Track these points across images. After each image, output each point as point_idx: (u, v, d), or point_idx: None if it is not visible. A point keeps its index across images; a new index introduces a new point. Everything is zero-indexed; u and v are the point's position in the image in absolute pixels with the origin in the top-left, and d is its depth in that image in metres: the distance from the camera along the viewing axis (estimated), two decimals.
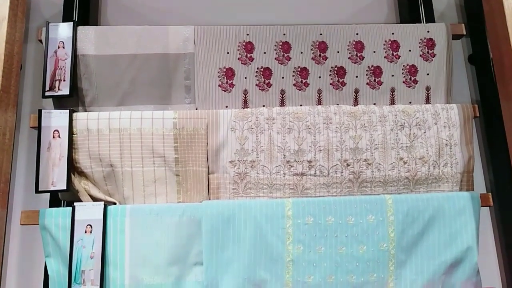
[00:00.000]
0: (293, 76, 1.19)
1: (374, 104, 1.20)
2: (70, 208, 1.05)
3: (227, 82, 1.18)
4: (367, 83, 1.21)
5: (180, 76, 1.17)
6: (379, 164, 1.14)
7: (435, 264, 1.09)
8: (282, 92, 1.19)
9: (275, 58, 1.19)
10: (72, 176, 1.10)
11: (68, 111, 1.09)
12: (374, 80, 1.21)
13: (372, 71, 1.21)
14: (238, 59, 1.19)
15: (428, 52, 1.22)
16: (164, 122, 1.12)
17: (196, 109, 1.17)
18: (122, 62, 1.15)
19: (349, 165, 1.13)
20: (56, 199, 1.18)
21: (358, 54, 1.21)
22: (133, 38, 1.16)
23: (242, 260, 1.06)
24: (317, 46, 1.20)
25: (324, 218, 1.08)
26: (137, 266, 1.05)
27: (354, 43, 1.21)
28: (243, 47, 1.19)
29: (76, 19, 1.26)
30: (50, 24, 1.14)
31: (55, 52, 1.13)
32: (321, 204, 1.09)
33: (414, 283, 1.09)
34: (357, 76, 1.21)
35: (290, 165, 1.12)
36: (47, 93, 1.11)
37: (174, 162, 1.11)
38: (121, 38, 1.16)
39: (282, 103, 1.19)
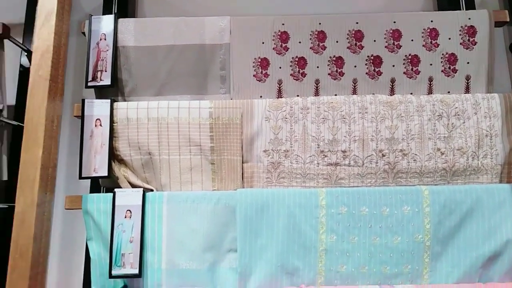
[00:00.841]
0: (328, 65, 1.19)
1: (411, 93, 1.18)
2: (111, 194, 1.10)
3: (261, 72, 1.19)
4: (404, 72, 1.19)
5: (215, 66, 1.19)
6: (416, 154, 1.12)
7: (472, 257, 1.07)
8: (317, 81, 1.19)
9: (310, 48, 1.19)
10: (112, 163, 1.14)
11: (109, 100, 1.14)
12: (412, 69, 1.19)
13: (409, 60, 1.19)
14: (273, 49, 1.19)
15: (468, 40, 1.18)
16: (201, 112, 1.14)
17: (231, 99, 1.19)
18: (160, 53, 1.18)
19: (384, 156, 1.12)
20: (96, 185, 1.23)
21: (395, 43, 1.19)
22: (170, 29, 1.19)
23: (276, 248, 1.07)
24: (353, 35, 1.19)
25: (358, 208, 1.08)
26: (173, 251, 1.08)
27: (391, 31, 1.19)
28: (278, 37, 1.19)
29: (116, 12, 1.30)
30: (92, 17, 1.18)
31: (97, 44, 1.17)
32: (355, 194, 1.08)
33: (450, 276, 1.07)
34: (393, 65, 1.19)
35: (324, 155, 1.12)
36: (89, 83, 1.16)
37: (209, 150, 1.14)
38: (159, 30, 1.19)
39: (317, 93, 1.19)
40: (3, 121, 1.23)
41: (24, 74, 1.38)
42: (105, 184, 1.20)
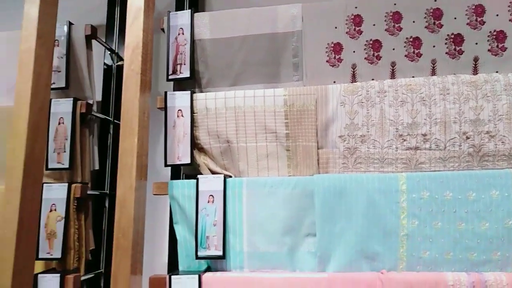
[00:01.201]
0: (404, 47, 1.15)
1: (497, 72, 1.11)
2: (194, 180, 1.16)
3: (335, 57, 1.19)
4: (488, 50, 1.12)
5: (288, 54, 1.21)
6: (504, 136, 1.06)
7: None
8: (393, 64, 1.16)
9: (385, 30, 1.16)
10: (194, 151, 1.20)
11: (189, 92, 1.19)
12: (497, 46, 1.12)
13: (494, 37, 1.12)
14: (346, 33, 1.18)
15: None
16: (275, 99, 1.16)
17: (304, 86, 1.20)
18: (234, 44, 1.22)
19: (468, 138, 1.07)
20: (175, 172, 1.31)
21: (478, 19, 1.12)
22: (244, 20, 1.22)
23: (355, 233, 1.07)
24: (431, 14, 1.14)
25: (441, 193, 1.05)
26: (254, 234, 1.13)
27: (474, 7, 1.12)
28: (351, 20, 1.18)
29: (187, 7, 1.36)
30: (170, 13, 1.25)
31: (176, 38, 1.23)
32: (437, 179, 1.05)
33: None
34: (476, 43, 1.12)
35: (403, 139, 1.10)
36: (170, 77, 1.23)
37: (285, 137, 1.16)
38: (233, 21, 1.23)
39: (393, 76, 1.16)
40: (93, 115, 1.34)
41: (107, 71, 1.49)
42: (186, 171, 1.27)
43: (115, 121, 1.45)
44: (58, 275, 1.15)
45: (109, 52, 1.47)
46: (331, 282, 1.04)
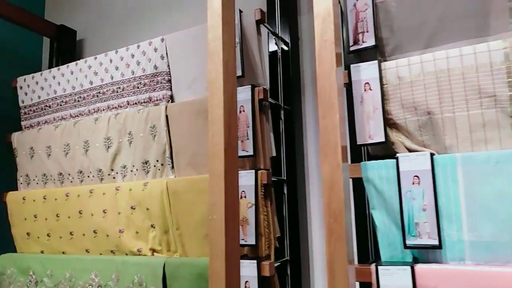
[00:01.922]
0: None
1: None
2: (391, 160, 1.02)
3: None
4: None
5: None
6: None
7: None
8: None
9: None
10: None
11: (377, 62, 1.06)
12: None
13: None
14: None
15: None
16: (491, 55, 0.95)
17: None
18: None
19: None
20: (357, 152, 1.18)
21: None
22: None
23: None
24: None
25: None
26: (477, 220, 0.94)
27: None
28: None
29: None
30: None
31: (354, 5, 1.11)
32: None
33: None
34: None
35: None
36: (351, 48, 1.11)
37: (508, 101, 0.94)
38: None
39: None
40: (268, 101, 1.31)
41: (272, 57, 1.46)
42: (375, 152, 1.14)
43: (285, 106, 1.41)
44: (255, 261, 1.15)
45: (273, 37, 1.44)
46: None
